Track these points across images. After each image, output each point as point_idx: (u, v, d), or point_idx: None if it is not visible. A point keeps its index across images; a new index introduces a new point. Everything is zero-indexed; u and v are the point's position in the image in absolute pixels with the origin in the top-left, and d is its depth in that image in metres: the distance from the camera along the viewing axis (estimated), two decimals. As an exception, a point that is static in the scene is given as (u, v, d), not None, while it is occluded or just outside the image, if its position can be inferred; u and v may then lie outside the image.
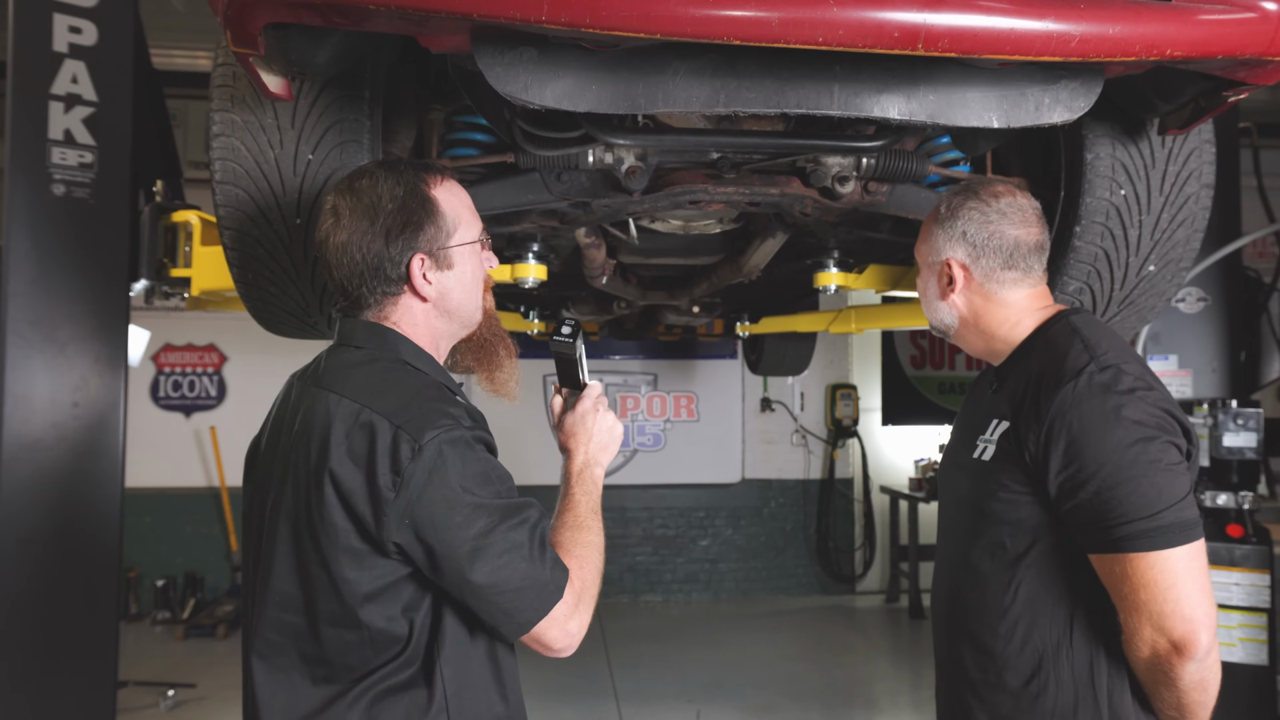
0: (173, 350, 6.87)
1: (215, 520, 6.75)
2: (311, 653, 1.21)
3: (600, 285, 3.02)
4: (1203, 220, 1.95)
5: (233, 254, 1.77)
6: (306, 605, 1.20)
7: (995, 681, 1.39)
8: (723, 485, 7.13)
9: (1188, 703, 1.27)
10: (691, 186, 1.97)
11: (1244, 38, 1.32)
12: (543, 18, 1.18)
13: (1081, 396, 1.29)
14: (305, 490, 1.19)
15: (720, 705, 4.77)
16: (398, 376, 1.25)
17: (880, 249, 2.82)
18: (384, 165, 1.31)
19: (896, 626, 6.52)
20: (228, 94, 1.70)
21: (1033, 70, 1.42)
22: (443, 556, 1.15)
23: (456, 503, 1.15)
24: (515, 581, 1.17)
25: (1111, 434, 1.26)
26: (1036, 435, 1.31)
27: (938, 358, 7.41)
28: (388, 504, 1.14)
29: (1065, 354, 1.36)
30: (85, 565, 2.82)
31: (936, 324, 1.55)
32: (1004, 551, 1.39)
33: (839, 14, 1.18)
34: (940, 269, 1.48)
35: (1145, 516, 1.23)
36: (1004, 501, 1.37)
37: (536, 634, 1.20)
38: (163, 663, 5.45)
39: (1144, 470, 1.25)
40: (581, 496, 1.36)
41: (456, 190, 1.34)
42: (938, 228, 1.48)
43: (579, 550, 1.28)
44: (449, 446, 1.16)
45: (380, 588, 1.18)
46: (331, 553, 1.17)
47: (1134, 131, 1.87)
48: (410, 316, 1.31)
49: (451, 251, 1.30)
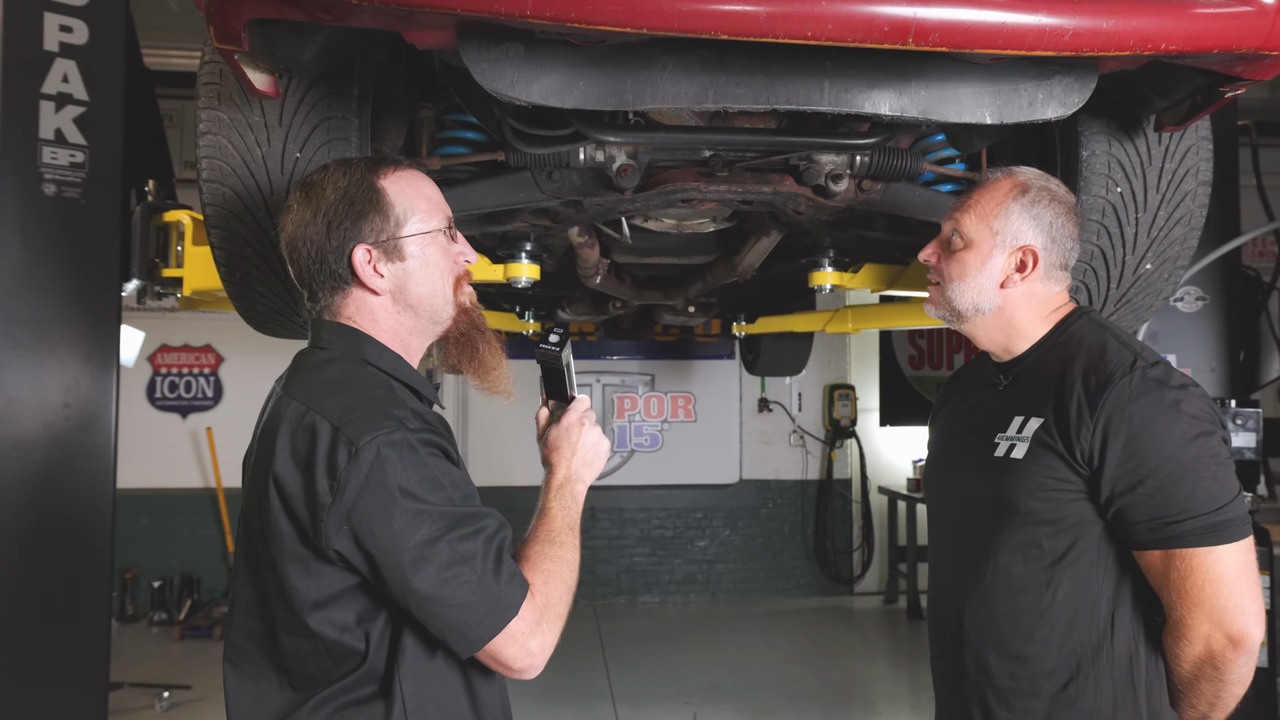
0: (169, 351, 6.85)
1: (212, 521, 6.73)
2: (276, 660, 1.19)
3: (594, 285, 3.00)
4: (1200, 218, 1.93)
5: (220, 253, 1.75)
6: (265, 612, 1.18)
7: (1028, 688, 1.36)
8: (720, 486, 7.11)
9: (1226, 696, 1.28)
10: (684, 185, 1.95)
11: (1240, 31, 1.30)
12: (527, 13, 1.16)
13: (1139, 391, 1.27)
14: (257, 494, 1.17)
15: (718, 706, 4.76)
16: (350, 378, 1.21)
17: (876, 248, 2.80)
18: (341, 160, 1.29)
19: (894, 628, 6.51)
20: (214, 92, 1.68)
21: (1026, 65, 1.40)
22: (384, 565, 1.10)
23: (394, 508, 1.10)
24: (463, 595, 1.11)
25: (1173, 428, 1.26)
26: (1090, 431, 1.29)
27: (936, 358, 7.39)
28: (325, 509, 1.10)
29: (1104, 350, 1.35)
30: (76, 566, 2.81)
31: (966, 307, 1.45)
32: (1040, 553, 1.35)
33: (827, 8, 1.16)
34: (1016, 252, 1.42)
35: (1210, 511, 1.23)
36: (1043, 500, 1.34)
37: (492, 652, 1.14)
38: (159, 664, 5.43)
39: (1207, 465, 1.25)
40: (558, 511, 1.30)
41: (413, 180, 1.29)
42: (1019, 208, 1.41)
43: (546, 565, 1.21)
44: (389, 449, 1.11)
45: (328, 596, 1.14)
46: (279, 558, 1.14)
47: (1130, 128, 1.85)
48: (367, 312, 1.26)
49: (404, 242, 1.25)
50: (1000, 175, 1.45)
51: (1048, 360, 1.42)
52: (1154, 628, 1.35)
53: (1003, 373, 1.49)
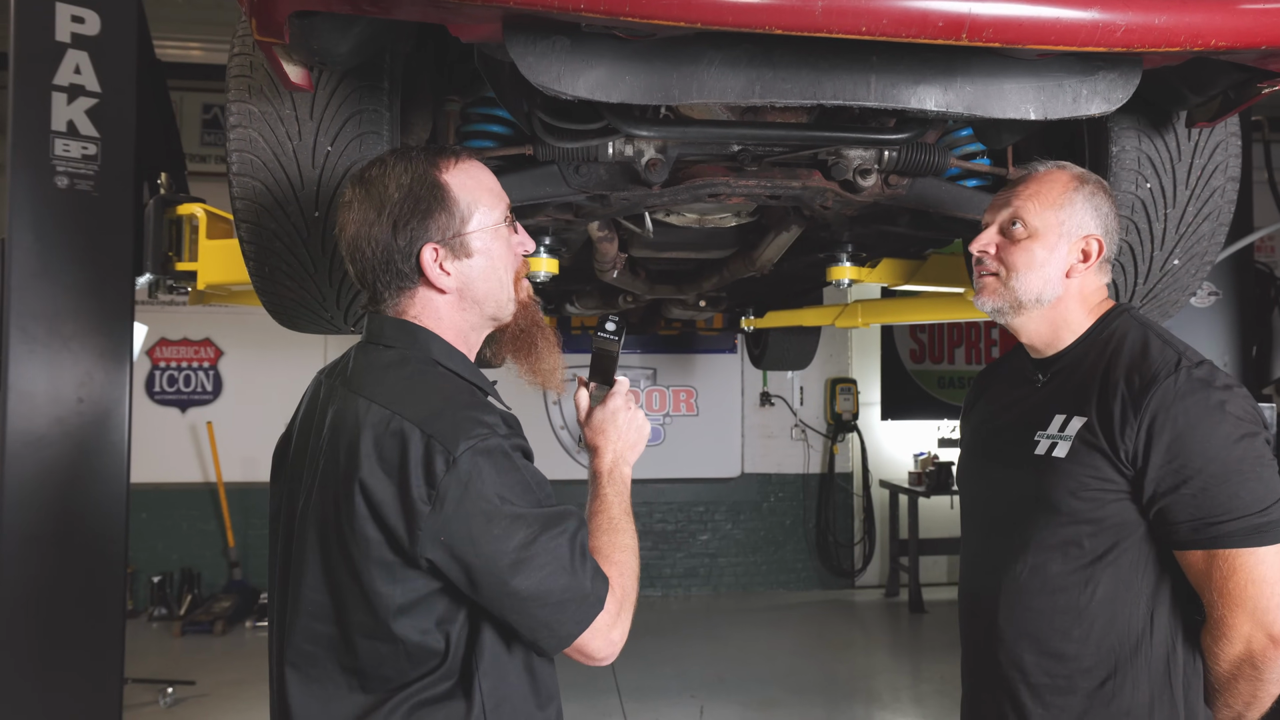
0: (168, 345, 6.81)
1: (212, 516, 6.71)
2: (347, 663, 1.17)
3: (610, 279, 2.99)
4: (1228, 214, 1.93)
5: (249, 247, 1.74)
6: (338, 616, 1.16)
7: (1065, 685, 1.36)
8: (722, 480, 7.13)
9: (1263, 696, 1.29)
10: (713, 180, 1.94)
11: (1286, 28, 1.30)
12: (580, 6, 1.15)
13: (1184, 391, 1.28)
14: (335, 499, 1.14)
15: (723, 700, 4.77)
16: (429, 380, 1.19)
17: (893, 242, 2.80)
18: (397, 152, 1.26)
19: (896, 621, 6.53)
20: (245, 85, 1.66)
21: (1070, 61, 1.40)
22: (481, 571, 1.10)
23: (495, 515, 1.10)
24: (558, 594, 1.13)
25: (1218, 429, 1.26)
26: (1134, 431, 1.29)
27: (937, 352, 7.41)
28: (422, 518, 1.09)
29: (1146, 349, 1.35)
30: (90, 562, 2.79)
31: (1029, 297, 1.44)
32: (1081, 551, 1.35)
33: (882, 3, 1.16)
34: (1079, 241, 1.43)
35: (1256, 512, 1.24)
36: (1085, 500, 1.34)
37: (579, 645, 1.17)
38: (160, 660, 5.41)
39: (1252, 466, 1.26)
40: (614, 497, 1.33)
41: (474, 172, 1.26)
42: (1080, 198, 1.43)
43: (617, 556, 1.26)
44: (484, 457, 1.11)
45: (413, 600, 1.13)
46: (363, 564, 1.12)
47: (1160, 124, 1.85)
48: (432, 310, 1.24)
49: (469, 238, 1.23)
50: (1052, 168, 1.46)
51: (1089, 357, 1.41)
52: (1192, 626, 1.35)
53: (1040, 370, 1.49)
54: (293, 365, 6.83)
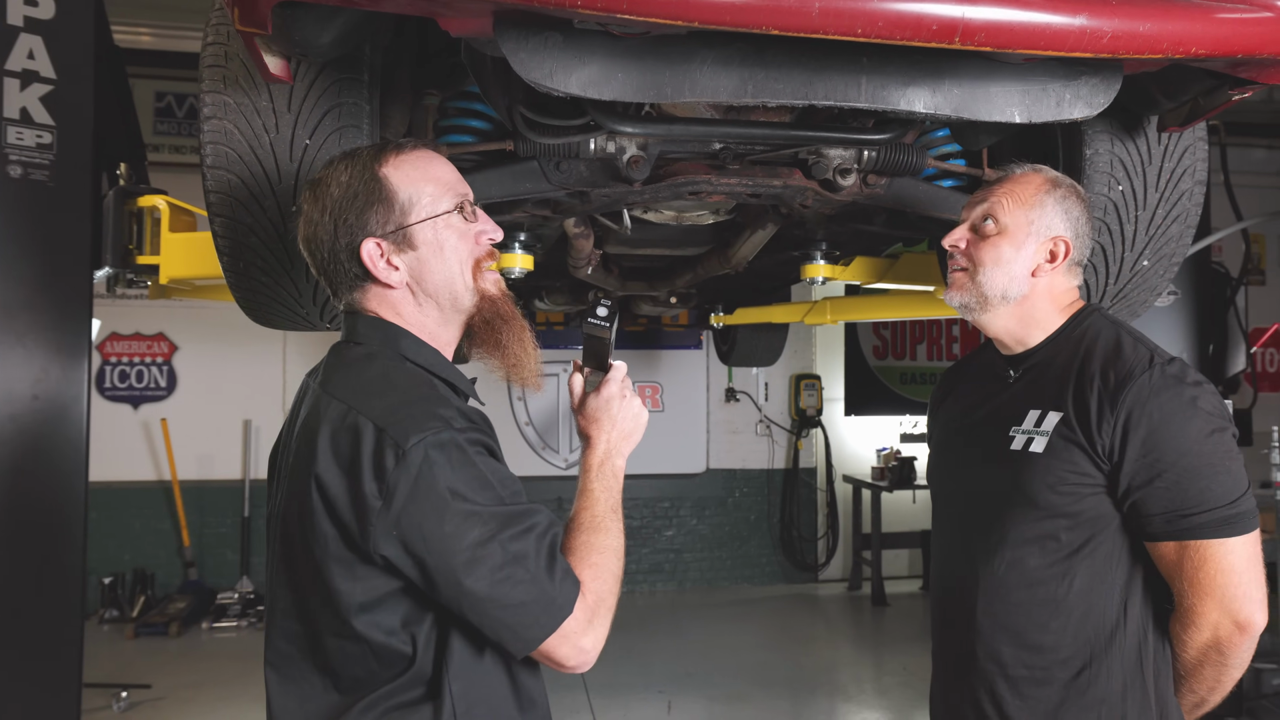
0: (119, 339, 6.64)
1: (166, 515, 6.55)
2: (319, 663, 1.16)
3: (583, 276, 2.98)
4: (1195, 216, 1.98)
5: (223, 242, 1.69)
6: (307, 614, 1.15)
7: (1042, 676, 1.39)
8: (687, 475, 7.14)
9: (1226, 680, 1.34)
10: (694, 177, 1.94)
11: (1262, 37, 1.33)
12: (579, 3, 1.13)
13: (1159, 387, 1.31)
14: (297, 495, 1.13)
15: (690, 694, 4.79)
16: (391, 376, 1.17)
17: (866, 241, 2.83)
18: (345, 153, 1.25)
19: (859, 614, 6.61)
20: (220, 75, 1.62)
21: (1055, 66, 1.42)
22: (435, 569, 1.07)
23: (446, 510, 1.07)
24: (518, 595, 1.09)
25: (1191, 424, 1.30)
26: (1111, 425, 1.32)
27: (899, 348, 7.50)
28: (373, 513, 1.07)
29: (1120, 347, 1.39)
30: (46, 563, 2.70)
31: (995, 293, 1.47)
32: (1058, 545, 1.38)
33: (880, 6, 1.16)
34: (1047, 242, 1.46)
35: (1226, 504, 1.28)
36: (1063, 494, 1.37)
37: (546, 651, 1.13)
38: (113, 663, 5.27)
39: (1222, 460, 1.30)
40: (601, 493, 1.27)
41: (421, 163, 1.23)
42: (1051, 200, 1.46)
43: (594, 557, 1.19)
44: (436, 450, 1.08)
45: (373, 599, 1.11)
46: (323, 561, 1.11)
47: (1132, 128, 1.89)
48: (390, 306, 1.23)
49: (413, 230, 1.20)
50: (1029, 170, 1.49)
51: (1061, 355, 1.44)
52: (1161, 616, 1.39)
53: (1012, 366, 1.52)
54: (250, 361, 6.71)
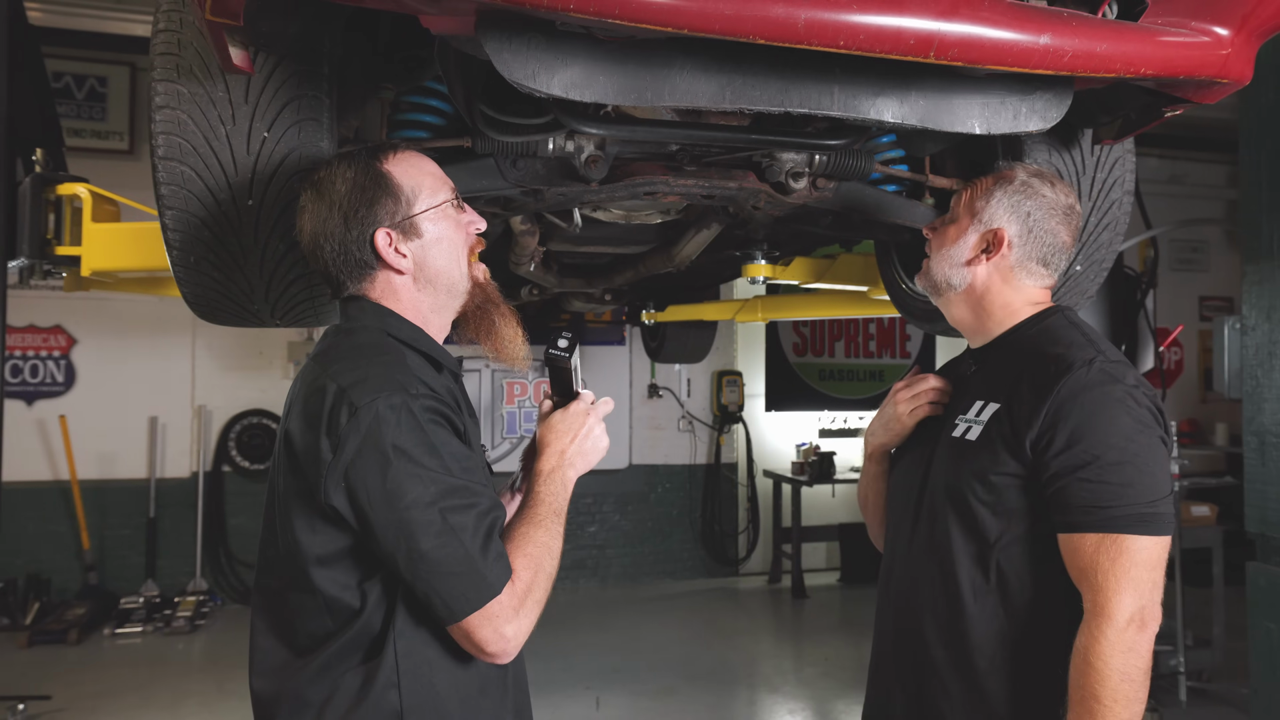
0: (13, 332, 6.26)
1: (64, 516, 6.23)
2: (285, 615, 1.24)
3: (523, 272, 2.95)
4: (1124, 224, 2.09)
5: (174, 235, 1.62)
6: (279, 568, 1.24)
7: (961, 660, 1.42)
8: (610, 471, 7.16)
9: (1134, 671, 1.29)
10: (651, 178, 1.95)
11: (1202, 60, 1.43)
12: (570, 6, 1.14)
13: (1094, 382, 1.34)
14: (276, 455, 1.26)
15: (618, 690, 4.82)
16: (364, 346, 1.27)
17: (804, 241, 2.89)
18: (341, 155, 1.36)
19: (779, 607, 6.75)
20: (173, 63, 1.55)
21: (1013, 81, 1.48)
22: (376, 524, 1.14)
23: (389, 467, 1.14)
24: (450, 564, 1.13)
25: (1120, 420, 1.32)
26: (1040, 416, 1.34)
27: (819, 345, 7.68)
28: (325, 465, 1.15)
29: (1069, 343, 1.42)
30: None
31: (940, 279, 1.55)
32: (980, 533, 1.41)
33: (862, 20, 1.20)
34: (985, 233, 1.51)
35: (1145, 503, 1.30)
36: (988, 484, 1.40)
37: (468, 629, 1.15)
38: (7, 674, 4.98)
39: (1146, 460, 1.32)
40: (546, 496, 1.31)
41: (414, 160, 1.36)
42: (1002, 194, 1.50)
43: (530, 549, 1.23)
44: (389, 410, 1.15)
45: (330, 553, 1.19)
46: (290, 514, 1.21)
47: (1068, 140, 1.98)
48: (391, 292, 1.33)
49: (418, 220, 1.32)
50: (1014, 166, 1.56)
51: (1016, 349, 1.49)
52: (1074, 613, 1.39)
53: (975, 358, 1.57)
54: (157, 356, 6.43)
